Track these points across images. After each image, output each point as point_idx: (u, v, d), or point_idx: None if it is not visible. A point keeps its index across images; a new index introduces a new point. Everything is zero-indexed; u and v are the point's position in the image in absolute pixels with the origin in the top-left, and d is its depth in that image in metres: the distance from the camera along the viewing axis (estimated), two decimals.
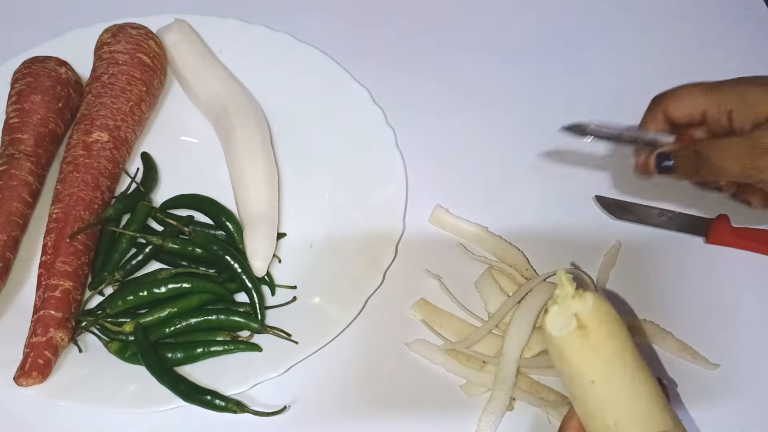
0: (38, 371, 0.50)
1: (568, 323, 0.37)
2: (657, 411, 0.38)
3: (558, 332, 0.37)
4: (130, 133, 0.61)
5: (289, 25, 0.71)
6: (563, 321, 0.38)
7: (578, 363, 0.37)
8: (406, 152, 0.63)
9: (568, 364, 0.38)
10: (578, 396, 0.38)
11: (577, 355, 0.37)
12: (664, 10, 0.76)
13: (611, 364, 0.37)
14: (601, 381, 0.37)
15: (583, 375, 0.37)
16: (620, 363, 0.38)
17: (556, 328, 0.38)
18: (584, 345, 0.37)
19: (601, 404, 0.37)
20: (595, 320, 0.37)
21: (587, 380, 0.37)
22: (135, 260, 0.56)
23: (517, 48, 0.73)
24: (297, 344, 0.53)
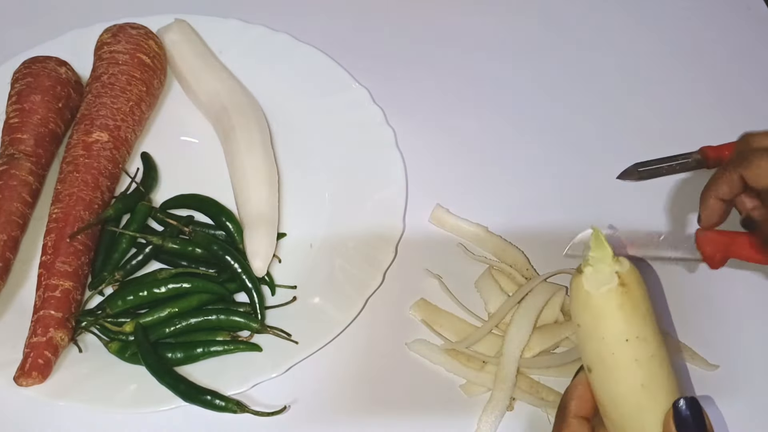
0: (38, 371, 0.50)
1: (609, 281, 0.38)
2: (675, 376, 0.39)
3: (597, 290, 0.38)
4: (130, 133, 0.61)
5: (289, 25, 0.71)
6: (602, 279, 0.38)
7: (616, 320, 0.37)
8: (406, 152, 0.63)
9: (606, 323, 0.38)
10: (606, 358, 0.38)
11: (618, 311, 0.37)
12: (664, 11, 0.76)
13: (646, 324, 0.38)
14: (635, 339, 0.37)
15: (618, 333, 0.37)
16: (652, 324, 0.38)
17: (594, 286, 0.38)
18: (625, 301, 0.37)
19: (631, 364, 0.37)
20: (634, 279, 0.38)
21: (622, 338, 0.37)
22: (135, 260, 0.56)
23: (518, 48, 0.73)
24: (297, 344, 0.53)
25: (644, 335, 0.38)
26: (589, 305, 0.38)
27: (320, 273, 0.57)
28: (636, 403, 0.38)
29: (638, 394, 0.38)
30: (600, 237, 0.38)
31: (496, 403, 0.52)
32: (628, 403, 0.38)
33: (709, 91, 0.70)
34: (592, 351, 0.39)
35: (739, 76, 0.71)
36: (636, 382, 0.38)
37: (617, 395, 0.39)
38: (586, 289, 0.38)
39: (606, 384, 0.39)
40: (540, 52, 0.73)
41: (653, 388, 0.38)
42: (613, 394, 0.39)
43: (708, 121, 0.68)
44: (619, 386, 0.38)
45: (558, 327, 0.54)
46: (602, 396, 0.39)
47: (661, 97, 0.70)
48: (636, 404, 0.38)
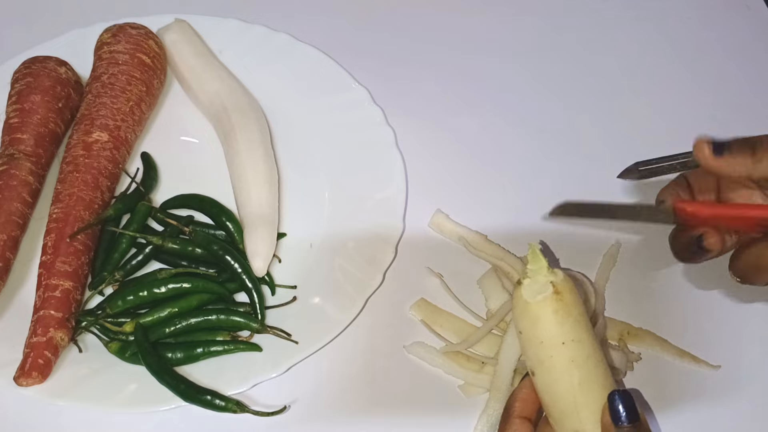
0: (38, 371, 0.50)
1: (544, 290, 0.41)
2: (609, 372, 0.42)
3: (534, 299, 0.41)
4: (130, 133, 0.61)
5: (289, 25, 0.71)
6: (537, 289, 0.41)
7: (552, 325, 0.41)
8: (406, 152, 0.63)
9: (542, 328, 0.41)
10: (545, 360, 0.41)
11: (553, 317, 0.41)
12: (664, 10, 0.76)
13: (579, 327, 0.41)
14: (570, 342, 0.41)
15: (554, 337, 0.41)
16: (585, 326, 0.42)
17: (531, 295, 0.41)
18: (559, 308, 0.41)
19: (568, 364, 0.41)
20: (567, 288, 0.42)
21: (558, 342, 0.41)
22: (135, 260, 0.56)
23: (518, 48, 0.73)
24: (297, 344, 0.53)
25: (579, 338, 0.41)
26: (527, 312, 0.42)
27: (320, 273, 0.57)
28: (574, 400, 0.41)
29: (575, 391, 0.41)
30: (536, 251, 0.42)
31: (491, 412, 0.52)
32: (566, 401, 0.41)
33: (709, 91, 0.70)
34: (533, 355, 0.42)
35: (739, 76, 0.71)
36: (573, 380, 0.41)
37: (557, 393, 0.42)
38: (525, 298, 0.42)
39: (547, 384, 0.42)
40: (540, 52, 0.73)
41: (589, 385, 0.41)
42: (553, 392, 0.42)
43: (708, 121, 0.67)
44: (558, 385, 0.42)
45: None
46: (544, 395, 0.43)
47: (661, 96, 0.70)
48: (574, 401, 0.41)
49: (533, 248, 0.42)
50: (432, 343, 0.55)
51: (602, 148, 0.66)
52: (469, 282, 0.58)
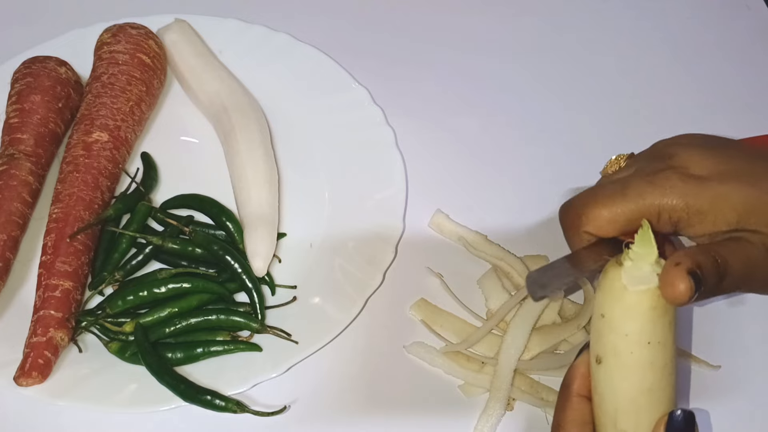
0: (38, 371, 0.50)
1: (648, 281, 0.37)
2: (675, 386, 0.40)
3: (635, 287, 0.37)
4: (130, 133, 0.61)
5: (289, 25, 0.71)
6: (641, 277, 0.37)
7: (645, 322, 0.37)
8: (406, 152, 0.63)
9: (633, 321, 0.38)
10: (623, 354, 0.38)
11: (649, 313, 0.37)
12: (664, 11, 0.76)
13: (670, 331, 0.38)
14: (657, 344, 0.38)
15: (643, 334, 0.38)
16: (673, 332, 0.39)
17: (632, 282, 0.37)
18: (658, 305, 0.37)
19: (646, 366, 0.38)
20: None
21: (645, 340, 0.38)
22: (135, 260, 0.56)
23: (519, 48, 0.73)
24: (297, 344, 0.53)
25: (665, 342, 0.38)
26: (621, 299, 0.38)
27: (320, 273, 0.57)
28: (638, 403, 0.38)
29: (643, 395, 0.38)
30: (648, 234, 0.37)
31: (491, 412, 0.52)
32: (630, 401, 0.39)
33: (709, 91, 0.70)
34: (609, 343, 0.39)
35: (739, 76, 0.71)
36: (645, 384, 0.38)
37: (621, 390, 0.39)
38: (624, 282, 0.37)
39: (613, 377, 0.39)
40: (540, 52, 0.73)
41: (658, 393, 0.38)
42: (617, 387, 0.39)
43: (708, 121, 0.67)
44: (626, 383, 0.38)
45: (557, 328, 0.54)
46: (604, 387, 0.39)
47: (661, 96, 0.70)
48: (637, 404, 0.38)
49: (646, 227, 0.37)
50: (432, 343, 0.55)
51: (602, 147, 0.66)
52: (470, 282, 0.58)
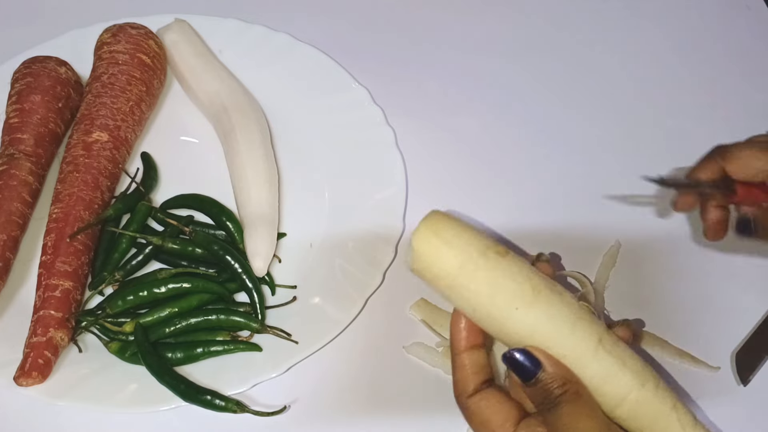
0: (38, 371, 0.50)
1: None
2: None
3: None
4: (130, 133, 0.61)
5: (289, 25, 0.71)
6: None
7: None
8: (406, 152, 0.63)
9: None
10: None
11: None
12: (664, 10, 0.76)
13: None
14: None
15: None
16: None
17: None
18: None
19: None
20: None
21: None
22: (135, 260, 0.56)
23: (519, 47, 0.73)
24: (297, 344, 0.53)
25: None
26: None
27: (320, 273, 0.57)
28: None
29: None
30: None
31: None
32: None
33: (709, 91, 0.70)
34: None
35: (739, 76, 0.71)
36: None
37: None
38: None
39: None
40: (540, 51, 0.73)
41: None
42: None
43: (708, 121, 0.68)
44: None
45: None
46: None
47: (660, 96, 0.70)
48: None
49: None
50: (432, 343, 0.55)
51: (602, 147, 0.66)
52: None
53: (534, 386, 0.38)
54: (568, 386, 0.37)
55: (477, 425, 0.41)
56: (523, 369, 0.38)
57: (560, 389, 0.37)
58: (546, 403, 0.38)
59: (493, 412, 0.40)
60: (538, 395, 0.38)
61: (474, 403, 0.41)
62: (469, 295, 0.39)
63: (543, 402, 0.38)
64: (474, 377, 0.41)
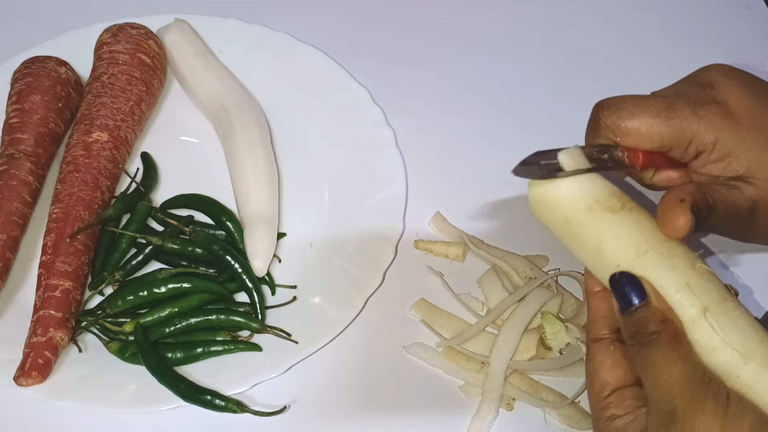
0: (38, 371, 0.50)
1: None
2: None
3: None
4: (130, 133, 0.61)
5: (289, 25, 0.71)
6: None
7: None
8: (406, 152, 0.63)
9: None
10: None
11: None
12: (664, 10, 0.76)
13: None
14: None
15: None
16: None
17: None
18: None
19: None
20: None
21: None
22: (135, 260, 0.56)
23: (519, 47, 0.73)
24: (297, 344, 0.53)
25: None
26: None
27: (320, 273, 0.57)
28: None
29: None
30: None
31: (484, 414, 0.52)
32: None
33: None
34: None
35: None
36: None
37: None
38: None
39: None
40: (541, 51, 0.73)
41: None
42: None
43: None
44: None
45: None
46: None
47: None
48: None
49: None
50: (432, 343, 0.55)
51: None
52: (471, 281, 0.58)
53: (631, 316, 0.36)
54: (666, 326, 0.36)
55: (587, 373, 0.41)
56: (628, 296, 0.37)
57: (656, 326, 0.36)
58: (638, 337, 0.36)
59: (602, 368, 0.39)
60: (632, 327, 0.37)
61: (594, 350, 0.40)
62: (582, 240, 0.38)
63: (635, 335, 0.36)
64: (602, 321, 0.40)
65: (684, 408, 0.34)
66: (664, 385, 0.35)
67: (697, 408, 0.34)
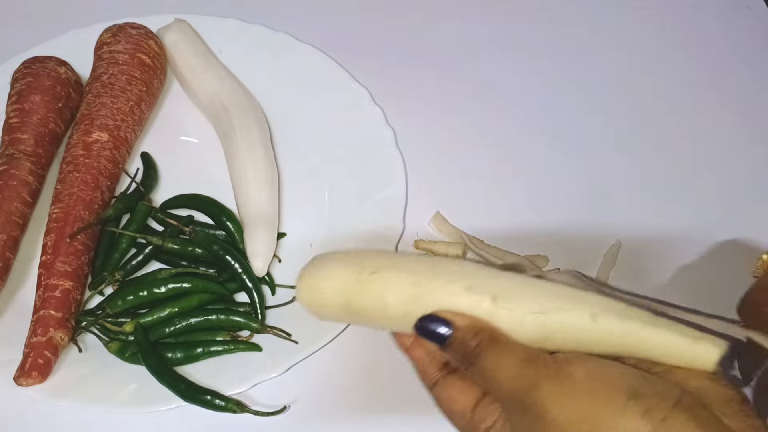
0: (38, 371, 0.50)
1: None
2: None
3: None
4: (130, 133, 0.61)
5: (289, 25, 0.71)
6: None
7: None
8: (406, 152, 0.63)
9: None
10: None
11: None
12: (664, 10, 0.76)
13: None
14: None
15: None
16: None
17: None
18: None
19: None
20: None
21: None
22: (135, 260, 0.56)
23: (519, 47, 0.73)
24: (297, 344, 0.53)
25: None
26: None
27: None
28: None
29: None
30: None
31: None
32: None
33: (709, 91, 0.70)
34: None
35: (739, 76, 0.71)
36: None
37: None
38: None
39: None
40: (541, 52, 0.73)
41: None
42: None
43: (708, 121, 0.68)
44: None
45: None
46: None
47: (661, 97, 0.70)
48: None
49: None
50: None
51: (604, 148, 0.66)
52: None
53: (452, 347, 0.36)
54: (482, 334, 0.36)
55: (446, 415, 0.40)
56: (437, 333, 0.37)
57: (475, 339, 0.36)
58: (467, 358, 0.36)
59: (452, 401, 0.39)
60: (457, 354, 0.37)
61: (437, 394, 0.40)
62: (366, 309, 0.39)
63: (464, 359, 0.36)
64: (430, 366, 0.41)
65: (527, 392, 0.34)
66: (505, 382, 0.35)
67: (537, 385, 0.34)
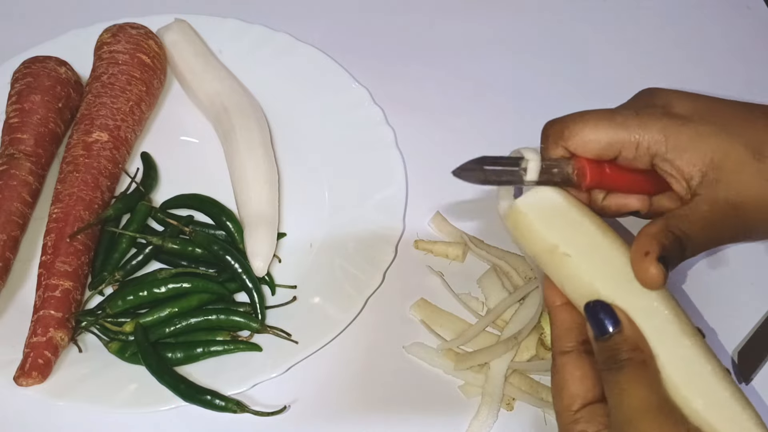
0: (38, 371, 0.50)
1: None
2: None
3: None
4: (130, 133, 0.61)
5: (289, 25, 0.71)
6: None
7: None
8: (406, 152, 0.63)
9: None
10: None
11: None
12: (664, 10, 0.76)
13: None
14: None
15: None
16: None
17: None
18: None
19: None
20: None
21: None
22: (135, 260, 0.56)
23: (519, 47, 0.73)
24: (297, 344, 0.53)
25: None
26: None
27: (320, 273, 0.57)
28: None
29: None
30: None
31: (483, 418, 0.52)
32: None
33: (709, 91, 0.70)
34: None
35: (739, 76, 0.71)
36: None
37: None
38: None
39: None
40: (540, 51, 0.73)
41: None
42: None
43: None
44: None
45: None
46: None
47: None
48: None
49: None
50: (432, 343, 0.55)
51: None
52: (470, 281, 0.58)
53: (605, 342, 0.37)
54: (637, 354, 0.36)
55: (554, 386, 0.40)
56: (601, 324, 0.37)
57: (628, 353, 0.36)
58: (610, 362, 0.37)
59: (571, 380, 0.39)
60: (604, 352, 0.37)
61: (561, 362, 0.40)
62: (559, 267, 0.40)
63: (607, 361, 0.37)
64: (569, 333, 0.40)
65: (637, 429, 0.35)
66: (627, 409, 0.35)
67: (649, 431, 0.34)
